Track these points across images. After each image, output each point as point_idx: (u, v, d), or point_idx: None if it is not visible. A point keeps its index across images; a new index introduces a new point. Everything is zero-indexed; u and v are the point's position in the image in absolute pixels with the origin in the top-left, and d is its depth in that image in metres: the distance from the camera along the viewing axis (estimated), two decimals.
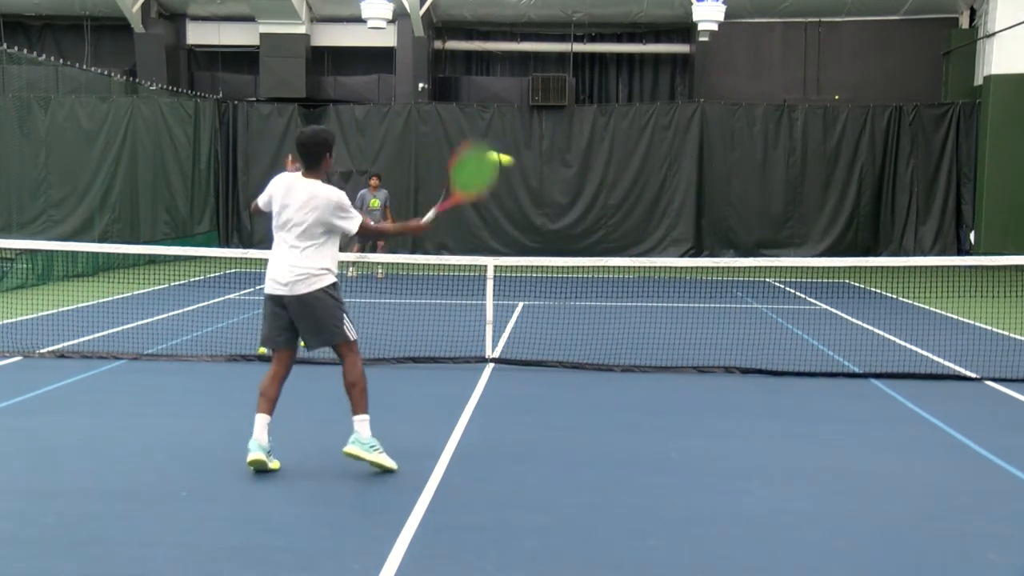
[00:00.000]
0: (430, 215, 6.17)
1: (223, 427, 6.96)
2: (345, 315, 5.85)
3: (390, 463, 5.77)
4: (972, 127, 21.66)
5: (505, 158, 6.24)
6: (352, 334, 5.88)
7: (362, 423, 5.80)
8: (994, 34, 20.46)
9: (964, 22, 22.73)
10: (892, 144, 22.18)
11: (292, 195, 5.80)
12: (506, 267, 10.67)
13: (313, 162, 5.86)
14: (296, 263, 5.73)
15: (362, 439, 5.75)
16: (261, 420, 5.84)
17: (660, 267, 16.72)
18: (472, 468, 6.03)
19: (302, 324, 5.84)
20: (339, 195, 5.81)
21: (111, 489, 5.53)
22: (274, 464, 5.85)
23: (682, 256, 21.64)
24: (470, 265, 9.91)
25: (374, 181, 17.90)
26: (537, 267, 17.01)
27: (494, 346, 9.79)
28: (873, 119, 22.19)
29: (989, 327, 11.98)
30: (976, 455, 6.42)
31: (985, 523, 5.14)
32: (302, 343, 6.09)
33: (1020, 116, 20.19)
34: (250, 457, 5.69)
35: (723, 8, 20.19)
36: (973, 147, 21.63)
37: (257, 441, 5.76)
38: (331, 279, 5.81)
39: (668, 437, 6.85)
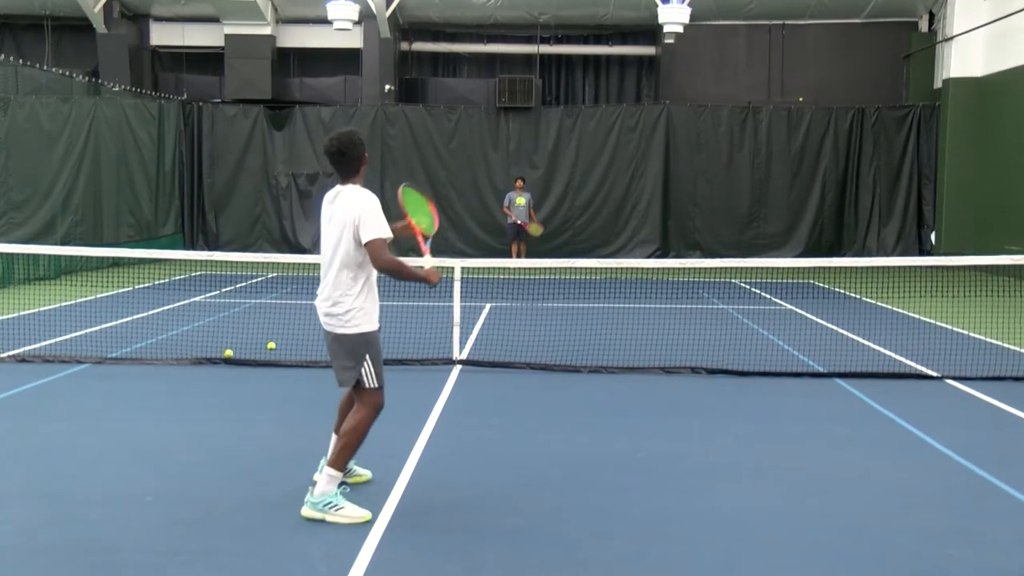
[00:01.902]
0: (429, 263, 5.44)
1: (188, 431, 6.90)
2: (368, 358, 5.14)
3: (356, 515, 5.01)
4: (932, 129, 21.97)
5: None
6: (372, 380, 5.16)
7: (328, 477, 5.08)
8: (952, 38, 20.76)
9: (923, 26, 23.05)
10: (855, 146, 22.45)
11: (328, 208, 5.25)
12: (473, 269, 10.67)
13: (349, 167, 5.17)
14: (324, 292, 5.21)
15: (315, 497, 5.04)
16: (334, 438, 5.44)
17: (627, 268, 16.79)
18: (439, 470, 6.03)
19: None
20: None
21: (73, 494, 5.46)
22: (361, 477, 5.62)
23: (649, 257, 21.73)
24: (437, 267, 9.88)
25: (519, 183, 20.06)
26: (504, 268, 17.01)
27: (461, 348, 9.79)
28: (836, 121, 22.44)
29: (950, 326, 12.15)
30: (937, 452, 6.51)
31: (946, 519, 5.22)
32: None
33: (978, 119, 20.51)
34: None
35: (688, 10, 20.33)
36: (933, 149, 21.95)
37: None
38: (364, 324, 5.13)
39: (635, 438, 6.88)
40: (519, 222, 19.97)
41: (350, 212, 5.04)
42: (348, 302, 5.10)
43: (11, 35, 24.38)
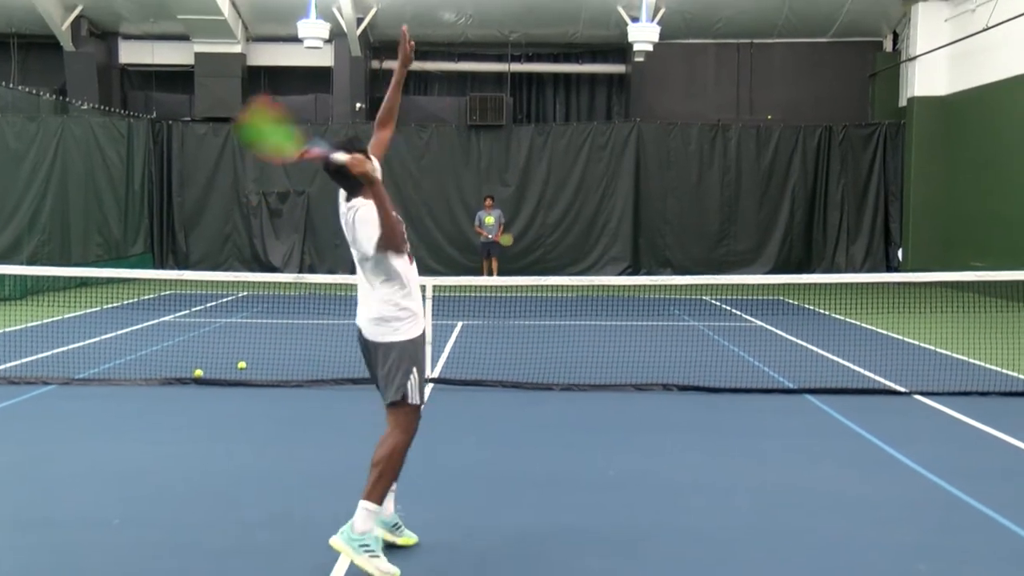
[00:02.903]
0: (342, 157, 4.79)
1: (158, 452, 6.83)
2: (413, 372, 4.86)
3: (387, 570, 4.54)
4: (898, 147, 22.29)
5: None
6: (413, 395, 4.90)
7: (365, 512, 4.60)
8: (915, 58, 21.09)
9: (888, 45, 23.43)
10: (823, 163, 22.70)
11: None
12: (445, 287, 10.67)
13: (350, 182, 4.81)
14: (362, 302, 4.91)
15: (354, 533, 4.57)
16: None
17: (598, 286, 16.84)
18: (411, 489, 5.99)
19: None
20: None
21: (40, 518, 5.39)
22: (406, 540, 5.02)
23: (620, 274, 21.81)
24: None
25: (488, 201, 20.21)
26: (476, 286, 17.02)
27: (433, 366, 9.77)
28: (804, 139, 22.68)
29: (917, 342, 12.28)
30: (906, 468, 6.57)
31: (916, 534, 5.26)
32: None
33: (942, 137, 20.82)
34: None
35: (657, 29, 20.50)
36: (899, 166, 22.26)
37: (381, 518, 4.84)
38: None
39: (608, 455, 6.89)
40: (490, 237, 20.07)
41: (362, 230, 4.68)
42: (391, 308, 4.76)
43: None
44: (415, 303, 4.88)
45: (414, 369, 4.84)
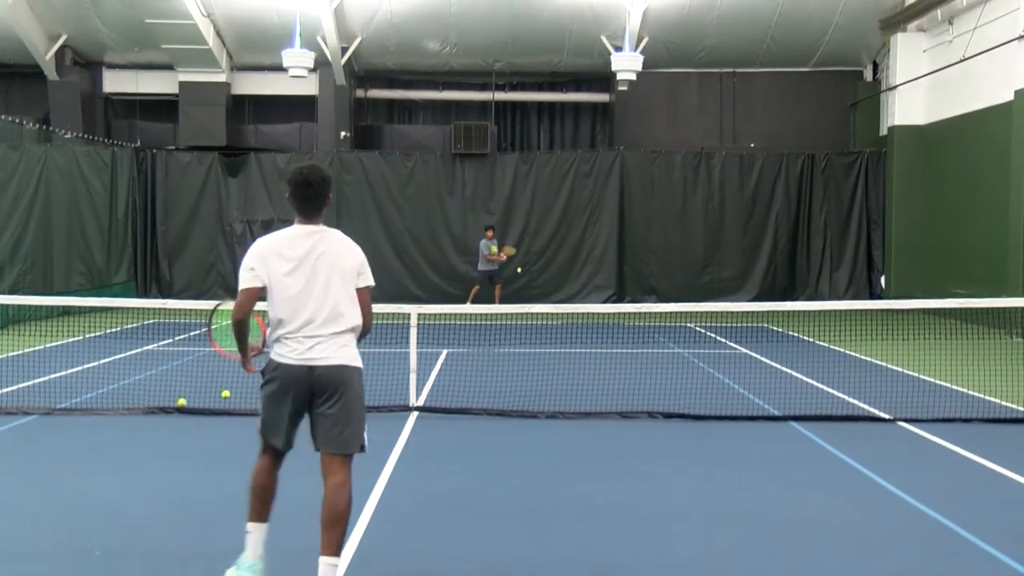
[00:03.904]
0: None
1: (141, 481, 6.78)
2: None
3: None
4: (879, 175, 22.48)
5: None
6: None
7: (330, 568, 4.55)
8: (895, 87, 21.33)
9: (868, 75, 23.70)
10: (806, 191, 22.85)
11: None
12: (430, 315, 10.66)
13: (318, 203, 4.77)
14: None
15: None
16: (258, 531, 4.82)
17: (583, 313, 16.86)
18: (396, 518, 5.97)
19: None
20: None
21: (20, 550, 5.33)
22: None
23: (604, 302, 21.84)
24: (394, 313, 9.87)
25: (489, 233, 20.53)
26: (461, 314, 17.01)
27: (418, 394, 9.75)
28: (787, 167, 22.84)
29: (901, 369, 12.33)
30: (890, 494, 6.59)
31: (900, 560, 5.27)
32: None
33: (922, 165, 21.02)
34: None
35: (641, 58, 20.67)
36: (881, 194, 22.44)
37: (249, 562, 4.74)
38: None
39: (593, 483, 6.88)
40: (496, 259, 20.30)
41: (354, 256, 4.73)
42: (354, 338, 4.77)
43: None
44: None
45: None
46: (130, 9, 21.00)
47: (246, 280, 4.68)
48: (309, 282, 4.63)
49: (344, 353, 4.68)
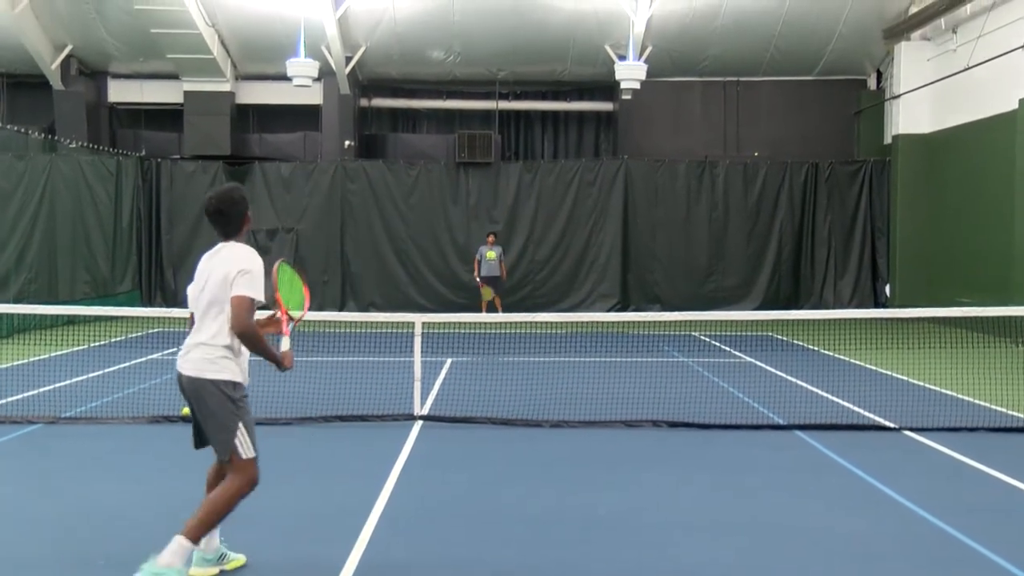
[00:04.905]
0: (286, 345, 5.20)
1: (145, 490, 6.77)
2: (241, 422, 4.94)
3: None
4: (884, 184, 22.46)
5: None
6: (247, 449, 4.94)
7: (179, 547, 4.69)
8: (899, 96, 21.33)
9: (872, 84, 23.70)
10: (810, 200, 22.85)
11: None
12: (434, 324, 10.66)
13: (228, 225, 5.03)
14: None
15: (157, 567, 4.62)
16: None
17: (587, 322, 16.85)
18: (401, 527, 5.96)
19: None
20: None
21: (23, 559, 5.33)
22: (238, 561, 5.17)
23: (609, 311, 21.84)
24: (398, 322, 9.87)
25: (491, 238, 20.58)
26: (465, 323, 17.00)
27: (422, 403, 9.74)
28: (791, 175, 22.84)
29: (906, 378, 12.30)
30: (896, 503, 6.56)
31: (907, 569, 5.25)
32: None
33: (927, 174, 21.01)
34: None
35: (644, 67, 20.68)
36: (885, 203, 22.42)
37: (201, 553, 4.98)
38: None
39: (597, 492, 6.86)
40: (488, 276, 20.26)
41: (229, 266, 4.85)
42: (220, 349, 4.89)
43: None
44: (243, 361, 5.05)
45: (240, 424, 4.90)
46: (135, 19, 21.06)
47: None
48: (196, 297, 5.00)
49: (197, 365, 4.90)
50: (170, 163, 22.94)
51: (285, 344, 5.14)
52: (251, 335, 4.82)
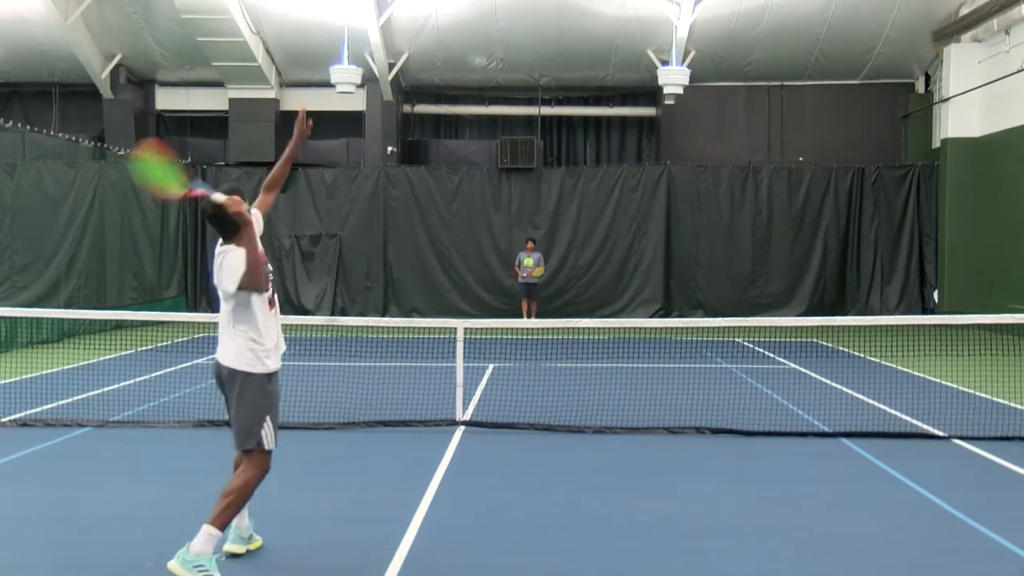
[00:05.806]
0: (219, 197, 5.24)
1: (190, 495, 6.84)
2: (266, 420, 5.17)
3: None
4: (932, 188, 22.13)
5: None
6: (267, 441, 5.19)
7: (207, 536, 4.96)
8: (948, 99, 21.01)
9: (920, 87, 23.36)
10: (856, 205, 22.57)
11: None
12: (476, 329, 10.67)
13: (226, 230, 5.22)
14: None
15: (189, 555, 4.90)
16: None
17: (630, 328, 16.78)
18: (443, 533, 5.96)
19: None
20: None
21: (74, 562, 5.41)
22: (256, 544, 5.59)
23: (651, 317, 21.73)
24: (440, 328, 9.89)
25: (529, 244, 20.76)
26: (507, 329, 17.01)
27: (464, 409, 9.75)
28: (836, 180, 22.58)
29: (955, 385, 12.09)
30: (945, 513, 6.45)
31: None
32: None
33: (977, 178, 20.67)
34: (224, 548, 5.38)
35: (688, 72, 20.59)
36: (934, 208, 22.08)
37: (237, 531, 5.45)
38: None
39: (639, 499, 6.82)
40: (525, 276, 20.28)
41: (216, 264, 5.20)
42: (249, 342, 5.18)
43: (20, 102, 24.73)
44: (269, 343, 5.23)
45: (267, 417, 5.13)
46: (182, 28, 21.37)
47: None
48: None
49: (227, 355, 5.22)
50: (215, 170, 23.21)
51: (219, 196, 5.22)
52: (237, 265, 5.08)
